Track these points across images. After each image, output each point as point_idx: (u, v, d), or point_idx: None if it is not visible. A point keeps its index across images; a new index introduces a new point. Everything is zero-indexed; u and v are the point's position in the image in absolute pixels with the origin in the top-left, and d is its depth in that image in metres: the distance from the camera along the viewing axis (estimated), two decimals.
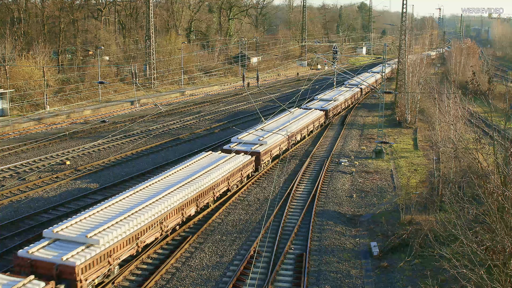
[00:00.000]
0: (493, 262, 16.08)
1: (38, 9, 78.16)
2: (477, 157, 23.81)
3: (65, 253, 19.13)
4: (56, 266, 18.66)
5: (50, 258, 18.97)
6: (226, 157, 32.75)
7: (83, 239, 20.10)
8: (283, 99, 67.63)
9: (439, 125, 34.32)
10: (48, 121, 53.49)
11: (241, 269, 22.44)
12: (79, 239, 20.17)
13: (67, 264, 18.65)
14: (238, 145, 36.35)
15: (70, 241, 20.23)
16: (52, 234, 20.51)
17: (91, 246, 19.94)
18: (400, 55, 65.62)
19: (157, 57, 79.17)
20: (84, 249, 19.68)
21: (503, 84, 78.69)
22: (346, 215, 30.03)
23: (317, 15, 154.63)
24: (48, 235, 20.58)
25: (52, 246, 19.94)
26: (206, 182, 28.20)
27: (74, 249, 19.48)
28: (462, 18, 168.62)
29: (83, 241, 20.06)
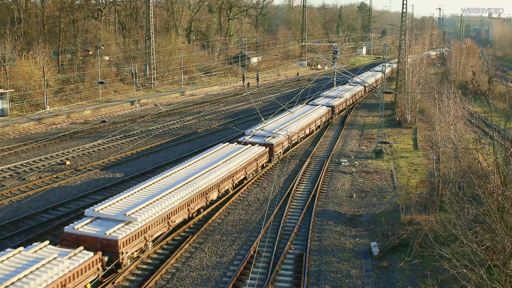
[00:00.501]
0: (493, 262, 16.08)
1: (38, 9, 78.17)
2: (477, 157, 23.81)
3: (107, 229, 21.23)
4: (99, 240, 20.70)
5: (94, 233, 21.06)
6: (243, 148, 35.13)
7: (122, 217, 22.29)
8: (283, 99, 67.64)
9: (439, 125, 34.32)
10: (48, 121, 53.50)
11: (241, 269, 22.44)
12: (118, 217, 22.36)
13: (110, 238, 20.72)
14: (252, 138, 38.72)
15: (110, 219, 22.36)
16: (93, 213, 22.73)
17: (130, 223, 22.09)
18: (400, 55, 65.62)
19: (157, 57, 79.18)
20: (124, 226, 21.85)
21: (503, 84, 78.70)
22: (346, 215, 30.04)
23: (317, 15, 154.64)
24: (90, 214, 22.78)
25: (94, 223, 22.10)
26: (226, 170, 30.55)
27: (115, 225, 21.63)
28: (462, 18, 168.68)
29: (122, 219, 22.22)
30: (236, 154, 33.07)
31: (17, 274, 17.12)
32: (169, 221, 24.41)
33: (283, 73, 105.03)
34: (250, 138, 38.41)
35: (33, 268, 17.55)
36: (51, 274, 17.58)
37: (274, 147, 38.06)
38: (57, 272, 17.86)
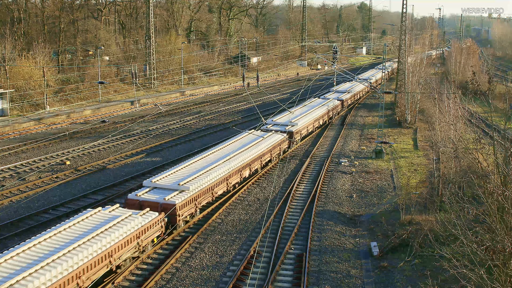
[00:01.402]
0: (493, 262, 16.07)
1: (38, 9, 78.23)
2: (477, 157, 23.82)
3: (166, 195, 25.37)
4: (160, 204, 24.72)
5: (154, 199, 25.22)
6: (267, 134, 39.81)
7: (176, 186, 26.48)
8: (283, 99, 67.66)
9: (439, 125, 34.33)
10: (48, 121, 53.50)
11: (241, 269, 22.44)
12: (173, 186, 26.55)
13: (169, 202, 24.85)
14: (273, 126, 43.79)
15: (165, 188, 26.55)
16: (150, 184, 26.97)
17: (183, 192, 26.20)
18: (400, 55, 65.62)
19: (157, 57, 79.19)
20: (178, 193, 25.93)
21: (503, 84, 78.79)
22: (346, 215, 30.03)
23: (317, 15, 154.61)
24: (147, 184, 27.05)
25: (153, 191, 26.31)
26: (256, 151, 34.98)
27: (171, 193, 25.76)
28: (462, 18, 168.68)
29: (176, 188, 26.37)
30: (262, 139, 37.92)
31: (107, 224, 21.48)
32: (213, 192, 28.69)
33: (283, 73, 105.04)
34: (272, 126, 43.44)
35: (117, 221, 21.95)
36: (130, 226, 21.87)
37: (294, 134, 42.90)
38: (134, 225, 22.15)
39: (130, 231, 21.73)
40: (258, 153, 35.23)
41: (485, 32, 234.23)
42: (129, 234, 21.62)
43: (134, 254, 22.63)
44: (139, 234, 22.35)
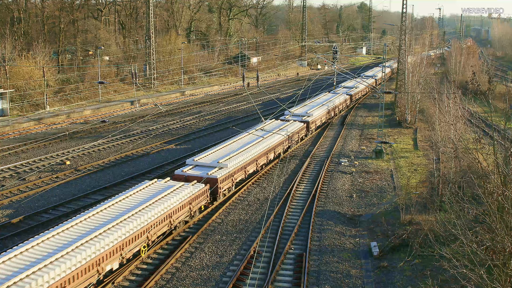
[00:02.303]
0: (493, 262, 16.07)
1: (38, 9, 78.22)
2: (477, 157, 23.81)
3: (208, 171, 30.27)
4: (204, 178, 29.10)
5: (199, 174, 29.88)
6: (287, 123, 44.82)
7: (216, 164, 31.27)
8: (283, 99, 67.65)
9: (439, 125, 34.28)
10: (48, 121, 53.49)
11: (241, 269, 22.44)
12: (213, 164, 31.32)
13: (212, 177, 29.50)
14: (292, 116, 48.10)
15: (207, 166, 31.18)
16: (193, 162, 31.87)
17: (222, 169, 30.76)
18: (400, 55, 65.60)
19: (157, 57, 79.17)
20: (218, 170, 30.52)
21: (503, 84, 78.79)
22: (346, 215, 30.03)
23: (317, 15, 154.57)
24: (190, 163, 31.89)
25: (196, 168, 31.01)
26: (278, 138, 39.73)
27: (212, 169, 30.50)
28: (462, 18, 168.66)
29: (216, 165, 31.13)
30: (284, 127, 42.92)
31: (165, 191, 25.93)
32: (245, 170, 33.37)
33: (283, 73, 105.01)
34: (291, 117, 47.83)
35: (173, 189, 26.44)
36: (183, 194, 26.21)
37: (310, 124, 48.10)
38: (186, 193, 26.50)
39: (184, 198, 26.24)
40: (281, 139, 40.08)
41: (485, 32, 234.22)
42: (184, 200, 26.14)
43: (186, 218, 26.97)
44: (191, 200, 26.88)
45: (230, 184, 31.42)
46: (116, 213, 23.10)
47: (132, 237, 22.04)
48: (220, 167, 30.85)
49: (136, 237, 22.33)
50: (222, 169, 30.61)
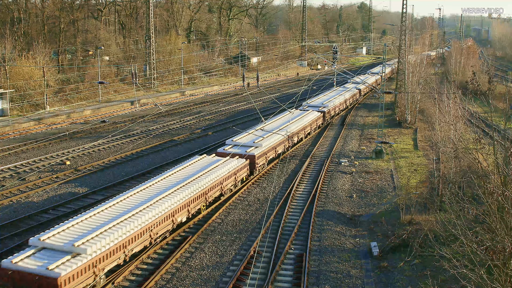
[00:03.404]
0: (493, 262, 16.07)
1: (38, 9, 78.20)
2: (477, 157, 23.80)
3: (246, 149, 35.43)
4: (243, 155, 34.37)
5: (239, 151, 34.79)
6: (306, 112, 49.82)
7: (252, 144, 36.54)
8: (283, 99, 67.65)
9: (439, 125, 34.28)
10: (48, 121, 53.49)
11: (241, 269, 22.43)
12: (249, 144, 36.68)
13: (250, 154, 34.78)
14: (309, 107, 53.33)
15: (244, 145, 36.33)
16: (232, 142, 37.23)
17: (257, 147, 35.97)
18: (400, 55, 65.59)
19: (157, 57, 79.16)
20: (254, 148, 35.83)
21: (503, 84, 78.77)
22: (346, 215, 30.02)
23: (317, 15, 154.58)
24: (229, 143, 37.30)
25: (235, 147, 35.80)
26: (301, 123, 45.59)
27: (249, 148, 35.81)
28: (462, 18, 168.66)
29: (252, 145, 36.32)
30: (304, 115, 48.20)
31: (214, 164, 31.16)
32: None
33: (283, 73, 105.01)
34: (308, 107, 53.23)
35: (220, 162, 31.74)
36: (230, 166, 31.29)
37: (326, 114, 53.40)
38: (232, 165, 31.60)
39: (231, 169, 31.26)
40: (301, 126, 45.28)
41: (485, 32, 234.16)
42: (230, 171, 31.11)
43: (231, 187, 31.69)
44: (236, 172, 31.84)
45: (264, 161, 36.79)
46: (180, 178, 28.40)
47: (196, 197, 27.12)
48: (255, 146, 36.17)
49: (198, 197, 27.44)
50: (258, 148, 35.89)
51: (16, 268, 18.22)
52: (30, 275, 17.84)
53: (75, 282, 18.39)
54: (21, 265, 18.32)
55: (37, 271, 17.92)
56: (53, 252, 19.31)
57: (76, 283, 18.44)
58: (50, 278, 17.62)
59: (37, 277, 17.73)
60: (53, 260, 18.52)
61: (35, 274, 17.82)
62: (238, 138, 37.93)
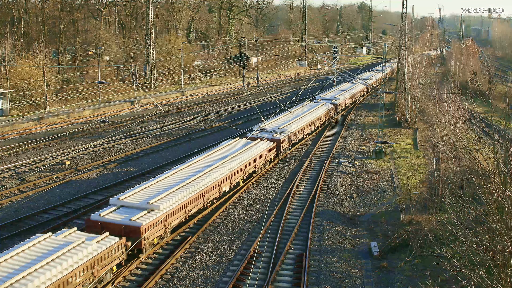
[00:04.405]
0: (493, 262, 16.07)
1: (38, 9, 78.16)
2: (477, 157, 23.81)
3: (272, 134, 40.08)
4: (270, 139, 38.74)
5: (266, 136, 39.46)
6: (319, 104, 55.01)
7: (277, 129, 41.24)
8: (283, 99, 67.65)
9: (439, 125, 34.29)
10: (48, 121, 53.49)
11: (241, 269, 22.44)
12: (275, 129, 41.21)
13: (275, 138, 39.29)
14: (322, 100, 57.82)
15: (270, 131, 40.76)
16: (259, 128, 41.93)
17: (282, 133, 40.61)
18: (400, 55, 65.58)
19: (157, 57, 79.15)
20: (279, 134, 40.22)
21: (503, 84, 78.75)
22: (346, 215, 30.02)
23: (317, 15, 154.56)
24: (256, 128, 41.97)
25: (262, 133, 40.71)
26: (317, 114, 50.48)
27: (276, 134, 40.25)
28: (462, 18, 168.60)
29: (277, 131, 40.89)
30: (319, 107, 53.33)
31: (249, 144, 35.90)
32: (296, 136, 42.95)
33: (283, 73, 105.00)
34: (321, 100, 57.50)
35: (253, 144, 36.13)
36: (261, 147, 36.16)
37: (338, 106, 58.74)
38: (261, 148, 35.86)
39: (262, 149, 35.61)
40: (318, 115, 50.49)
41: (485, 32, 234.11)
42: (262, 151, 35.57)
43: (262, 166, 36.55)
44: (266, 152, 36.42)
45: (288, 145, 41.33)
46: (222, 156, 32.68)
47: (236, 171, 31.56)
48: (280, 132, 40.55)
49: (238, 171, 31.91)
50: (282, 133, 40.28)
51: (104, 220, 22.54)
52: (117, 225, 22.12)
53: (152, 231, 22.94)
54: (108, 218, 22.71)
55: (122, 222, 22.27)
56: (131, 209, 23.78)
57: (152, 232, 23.02)
58: (134, 226, 22.09)
59: (123, 226, 22.03)
60: (133, 214, 23.00)
61: (121, 224, 22.11)
62: (264, 125, 42.48)
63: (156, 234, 23.46)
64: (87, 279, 19.44)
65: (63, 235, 20.71)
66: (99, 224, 22.43)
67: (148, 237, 22.66)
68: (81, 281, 19.09)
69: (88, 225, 22.63)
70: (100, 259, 19.98)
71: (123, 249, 21.46)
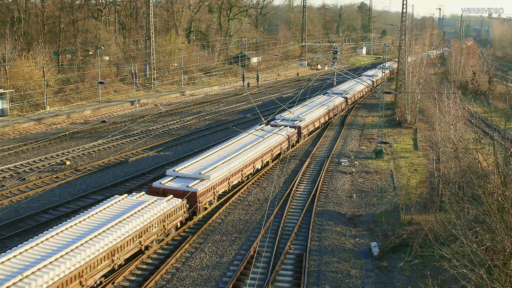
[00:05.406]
0: (493, 262, 16.06)
1: (38, 9, 78.16)
2: (477, 157, 23.78)
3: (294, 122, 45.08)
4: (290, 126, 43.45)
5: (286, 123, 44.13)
6: (332, 97, 59.92)
7: (297, 118, 46.41)
8: (284, 99, 67.64)
9: (439, 125, 34.26)
10: (48, 121, 53.49)
11: (241, 269, 22.44)
12: (295, 118, 46.24)
13: (297, 125, 44.56)
14: (333, 94, 62.78)
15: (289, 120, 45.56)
16: (280, 117, 46.81)
17: (301, 121, 45.72)
18: (400, 55, 65.56)
19: (157, 57, 79.14)
20: (299, 122, 45.69)
21: (503, 84, 78.71)
22: (346, 215, 30.02)
23: (317, 15, 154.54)
24: (278, 118, 46.62)
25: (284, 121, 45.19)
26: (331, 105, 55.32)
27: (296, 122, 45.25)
28: (462, 18, 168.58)
29: (297, 119, 46.13)
30: (331, 100, 58.07)
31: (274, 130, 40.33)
32: (307, 128, 47.43)
33: (283, 73, 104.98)
34: (332, 95, 62.35)
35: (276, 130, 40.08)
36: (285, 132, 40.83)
37: (348, 100, 63.93)
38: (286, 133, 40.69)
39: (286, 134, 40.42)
40: (331, 107, 54.88)
41: (485, 32, 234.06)
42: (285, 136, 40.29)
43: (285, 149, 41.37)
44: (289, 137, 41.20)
45: (306, 131, 47.47)
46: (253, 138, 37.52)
47: (266, 151, 36.49)
48: (300, 120, 45.89)
49: (267, 152, 36.72)
50: (302, 121, 45.72)
51: (165, 187, 27.29)
52: (177, 190, 26.69)
53: (205, 197, 27.79)
54: (168, 185, 27.53)
55: (181, 188, 26.96)
56: (185, 179, 28.61)
57: (205, 197, 27.81)
58: (192, 192, 26.72)
59: (182, 191, 26.57)
60: (189, 182, 27.83)
61: (180, 190, 26.71)
62: (284, 114, 47.35)
63: (207, 199, 28.21)
64: (160, 230, 24.07)
65: (135, 196, 25.44)
66: (161, 190, 27.00)
67: (202, 201, 27.44)
68: (156, 231, 23.71)
69: (151, 191, 27.12)
70: (169, 215, 24.62)
71: (184, 208, 26.15)
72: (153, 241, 23.87)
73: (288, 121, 44.86)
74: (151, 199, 24.85)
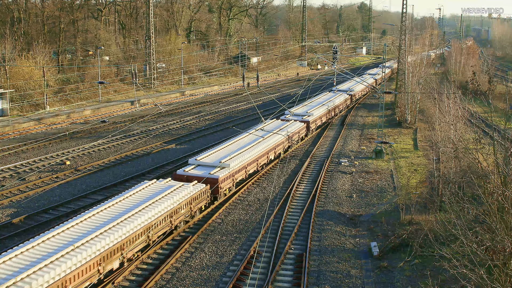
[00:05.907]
0: (493, 262, 16.06)
1: (38, 9, 78.17)
2: (477, 157, 23.78)
3: (303, 117, 47.86)
4: (300, 120, 46.18)
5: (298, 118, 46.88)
6: (337, 94, 61.61)
7: (305, 113, 48.79)
8: (283, 99, 67.64)
9: (439, 125, 34.24)
10: (48, 121, 53.49)
11: (241, 269, 22.44)
12: (303, 113, 48.75)
13: (306, 120, 47.09)
14: (338, 91, 64.44)
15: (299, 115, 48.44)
16: (289, 113, 48.35)
17: (310, 116, 48.25)
18: (400, 55, 65.56)
19: (157, 57, 79.12)
20: (308, 116, 48.14)
21: (503, 84, 78.71)
22: (346, 215, 30.02)
23: (317, 15, 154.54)
24: (287, 113, 48.52)
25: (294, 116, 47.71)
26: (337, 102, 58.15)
27: (304, 116, 48.04)
28: (462, 18, 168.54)
29: (306, 114, 48.63)
30: (336, 96, 60.07)
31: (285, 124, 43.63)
32: (316, 123, 49.89)
33: (283, 73, 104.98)
34: (337, 92, 64.37)
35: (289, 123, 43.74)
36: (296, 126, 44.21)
37: (353, 96, 66.74)
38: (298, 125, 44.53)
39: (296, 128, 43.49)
40: (336, 103, 57.52)
41: (485, 32, 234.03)
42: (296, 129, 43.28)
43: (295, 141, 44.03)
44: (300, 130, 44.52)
45: (315, 126, 49.72)
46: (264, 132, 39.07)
47: (278, 143, 39.06)
48: (308, 115, 48.39)
49: (279, 144, 39.33)
50: (311, 116, 48.22)
51: (189, 174, 29.67)
52: (200, 177, 28.92)
53: (225, 183, 30.27)
54: (191, 172, 29.92)
55: (204, 175, 29.26)
56: (206, 167, 30.92)
57: (226, 183, 30.33)
58: (214, 178, 29.18)
59: (204, 178, 28.84)
60: (210, 170, 30.26)
61: (203, 177, 28.98)
62: (294, 109, 49.77)
63: (227, 186, 30.62)
64: (187, 212, 26.40)
65: (164, 181, 27.89)
66: (185, 177, 29.30)
67: (222, 187, 29.82)
68: (183, 213, 26.04)
69: (176, 178, 29.30)
70: (195, 198, 26.91)
71: (208, 193, 28.53)
72: (181, 222, 26.14)
73: (298, 116, 47.42)
74: (178, 184, 27.31)
